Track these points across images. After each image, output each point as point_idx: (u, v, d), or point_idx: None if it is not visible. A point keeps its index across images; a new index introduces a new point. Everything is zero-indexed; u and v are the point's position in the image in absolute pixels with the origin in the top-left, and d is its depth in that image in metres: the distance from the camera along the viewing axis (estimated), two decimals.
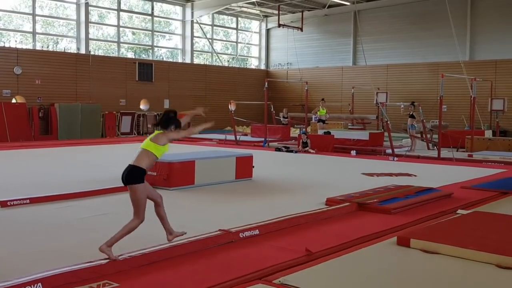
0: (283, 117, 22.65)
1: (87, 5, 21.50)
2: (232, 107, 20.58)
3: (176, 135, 4.46)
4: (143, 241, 4.71)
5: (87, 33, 21.63)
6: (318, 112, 18.85)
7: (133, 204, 4.29)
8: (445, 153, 13.75)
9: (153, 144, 4.35)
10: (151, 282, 3.82)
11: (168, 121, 4.44)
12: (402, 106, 18.28)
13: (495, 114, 18.97)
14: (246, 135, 20.66)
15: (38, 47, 20.44)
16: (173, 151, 12.61)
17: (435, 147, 14.57)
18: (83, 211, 6.30)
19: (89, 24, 21.86)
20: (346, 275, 4.12)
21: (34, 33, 20.44)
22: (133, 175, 4.27)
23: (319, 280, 3.95)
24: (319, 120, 18.78)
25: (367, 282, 3.95)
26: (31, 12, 20.31)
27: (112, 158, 12.62)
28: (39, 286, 3.55)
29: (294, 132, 20.93)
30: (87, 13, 21.57)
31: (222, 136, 18.65)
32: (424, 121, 16.11)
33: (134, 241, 4.80)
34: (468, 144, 14.96)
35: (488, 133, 17.20)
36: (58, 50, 20.86)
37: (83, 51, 21.48)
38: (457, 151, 14.58)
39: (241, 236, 5.07)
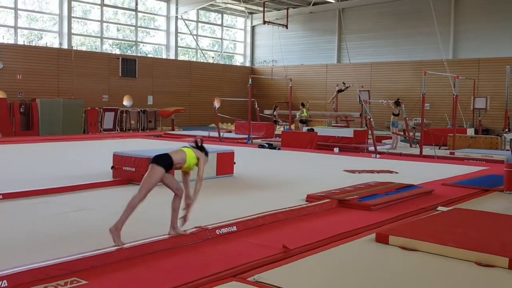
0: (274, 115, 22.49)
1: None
2: (216, 104, 20.47)
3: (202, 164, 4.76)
4: None
5: (69, 28, 21.35)
6: (302, 114, 19.20)
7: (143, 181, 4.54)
8: (427, 150, 13.80)
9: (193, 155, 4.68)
10: (121, 279, 3.71)
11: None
12: (384, 102, 18.31)
13: (477, 113, 19.11)
14: (230, 132, 20.55)
15: (21, 42, 20.12)
16: (154, 147, 12.49)
17: (418, 145, 14.62)
18: (57, 206, 6.16)
19: (72, 19, 21.58)
20: (322, 272, 4.05)
21: (16, 27, 20.12)
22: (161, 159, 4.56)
23: (295, 277, 3.88)
24: (301, 121, 19.04)
25: (343, 279, 3.89)
26: (13, 6, 19.98)
27: (92, 154, 12.46)
28: (4, 283, 3.42)
29: (279, 129, 20.87)
30: (69, 8, 21.29)
31: (205, 133, 18.53)
32: (407, 118, 16.15)
33: (109, 236, 4.69)
34: (450, 142, 15.03)
35: (470, 131, 17.31)
36: (40, 45, 20.57)
37: (65, 46, 21.20)
38: (439, 148, 14.64)
39: (218, 233, 4.98)
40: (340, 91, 22.11)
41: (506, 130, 16.06)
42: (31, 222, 5.43)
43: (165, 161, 4.54)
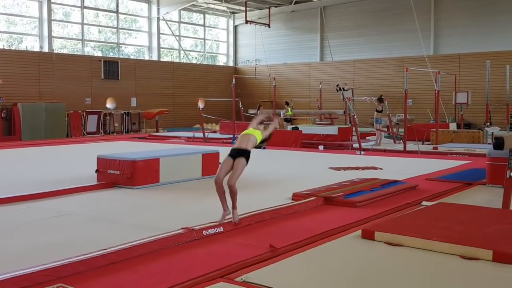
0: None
1: (49, 2, 20.99)
2: (200, 104, 20.42)
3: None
4: (103, 241, 4.57)
5: (50, 31, 21.12)
6: (287, 113, 19.31)
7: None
8: (411, 146, 13.91)
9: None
10: (108, 284, 3.68)
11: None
12: (367, 99, 18.42)
13: (459, 107, 19.32)
14: (215, 132, 20.53)
15: (0, 46, 19.86)
16: (138, 149, 12.41)
17: (401, 141, 14.73)
18: (42, 212, 6.09)
19: (52, 22, 21.36)
20: (309, 270, 4.06)
21: None
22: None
23: (282, 276, 3.88)
24: (286, 120, 19.14)
25: (330, 277, 3.90)
26: None
27: (76, 158, 12.35)
28: None
29: None
30: (49, 10, 21.07)
31: (190, 134, 18.47)
32: (390, 115, 16.27)
33: (94, 241, 4.66)
34: (433, 137, 15.17)
35: (453, 126, 17.49)
36: (20, 49, 20.32)
37: (46, 49, 20.97)
38: (422, 144, 14.77)
39: (205, 234, 4.97)
40: (341, 89, 22.18)
41: (488, 124, 16.24)
42: (15, 229, 5.36)
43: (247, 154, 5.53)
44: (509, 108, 16.48)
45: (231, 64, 29.36)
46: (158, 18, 25.19)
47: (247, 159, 5.49)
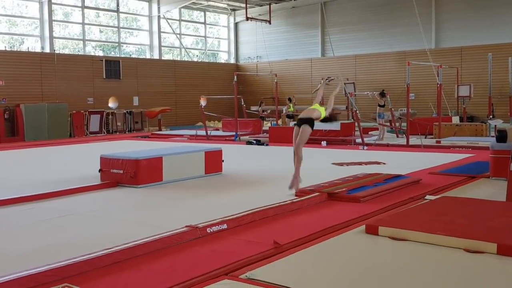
0: (263, 111, 22.46)
1: (50, 2, 21.00)
2: (202, 102, 20.42)
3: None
4: (107, 240, 4.58)
5: (51, 31, 21.15)
6: (289, 109, 19.34)
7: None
8: (414, 140, 13.89)
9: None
10: (113, 283, 3.68)
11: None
12: (369, 93, 18.39)
13: (461, 100, 19.27)
14: (217, 129, 20.53)
15: (2, 47, 19.90)
16: (141, 147, 12.42)
17: (404, 135, 14.71)
18: (46, 212, 6.11)
19: (53, 22, 21.38)
20: (314, 266, 4.06)
21: None
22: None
23: (286, 273, 3.88)
24: (288, 116, 19.17)
25: (335, 273, 3.90)
26: None
27: (79, 158, 12.37)
28: None
29: (266, 125, 20.87)
30: (50, 11, 21.08)
31: (193, 132, 18.48)
32: (393, 109, 16.24)
33: (98, 240, 4.67)
34: (436, 130, 15.14)
35: (456, 119, 17.45)
36: (22, 50, 20.36)
37: (48, 50, 20.99)
38: (425, 138, 14.74)
39: (209, 231, 4.97)
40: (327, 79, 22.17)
41: (491, 116, 16.20)
42: (19, 230, 5.38)
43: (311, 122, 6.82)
44: None
45: (232, 61, 29.34)
46: (159, 17, 25.19)
47: (312, 126, 6.76)
